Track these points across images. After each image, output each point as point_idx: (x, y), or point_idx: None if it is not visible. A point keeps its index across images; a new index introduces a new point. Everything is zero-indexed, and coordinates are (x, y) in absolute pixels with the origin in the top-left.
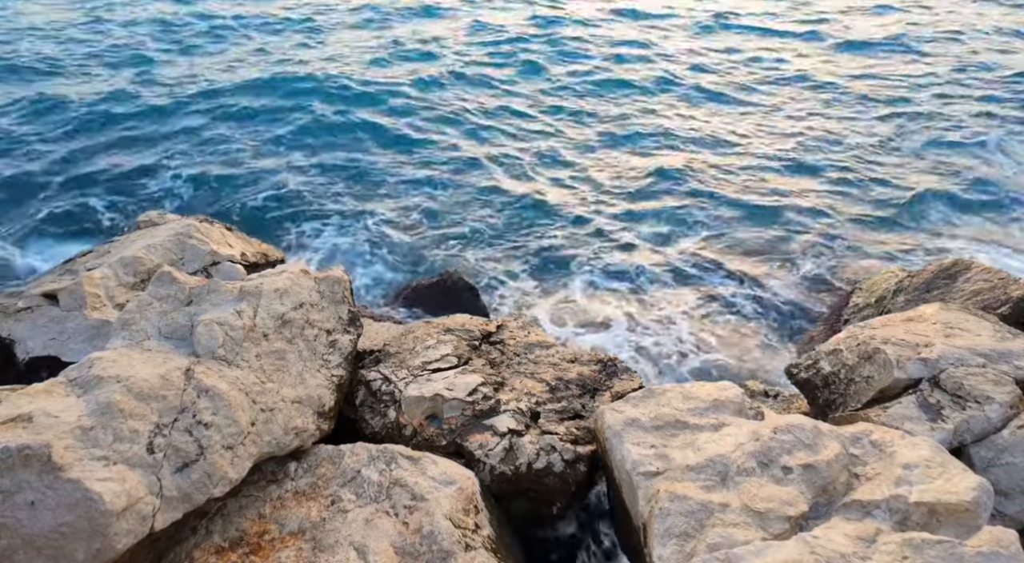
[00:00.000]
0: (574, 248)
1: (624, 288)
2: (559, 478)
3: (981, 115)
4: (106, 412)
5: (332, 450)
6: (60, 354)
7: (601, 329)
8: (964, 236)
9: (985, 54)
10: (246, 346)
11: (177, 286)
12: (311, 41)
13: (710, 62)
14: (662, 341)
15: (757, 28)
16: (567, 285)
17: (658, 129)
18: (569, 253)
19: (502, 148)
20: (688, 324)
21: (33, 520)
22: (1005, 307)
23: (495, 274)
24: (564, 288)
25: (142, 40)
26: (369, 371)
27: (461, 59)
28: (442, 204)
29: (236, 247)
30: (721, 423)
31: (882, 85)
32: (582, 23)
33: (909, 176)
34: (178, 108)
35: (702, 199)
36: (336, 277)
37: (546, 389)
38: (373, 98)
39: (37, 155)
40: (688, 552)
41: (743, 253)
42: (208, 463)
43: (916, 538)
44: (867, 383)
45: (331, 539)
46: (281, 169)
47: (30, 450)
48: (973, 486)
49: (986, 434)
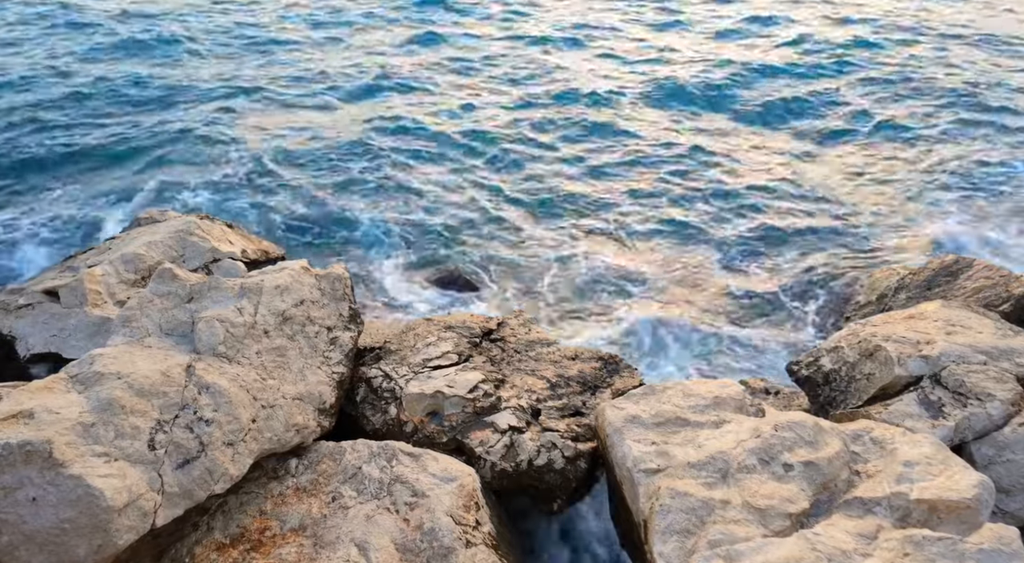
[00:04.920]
0: (574, 247)
1: (624, 285)
2: (560, 475)
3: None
4: (107, 408)
5: (333, 447)
6: (61, 351)
7: (601, 327)
8: (965, 234)
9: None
10: (247, 343)
11: (178, 283)
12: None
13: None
14: (662, 339)
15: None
16: (567, 283)
17: (658, 128)
18: (569, 252)
19: (502, 147)
20: (688, 323)
21: (35, 516)
22: (1006, 304)
23: (496, 272)
24: (564, 286)
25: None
26: (370, 368)
27: (457, 48)
28: (443, 203)
29: (237, 244)
30: (722, 420)
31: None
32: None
33: (913, 172)
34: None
35: (702, 198)
36: (337, 274)
37: (547, 386)
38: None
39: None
40: (689, 549)
41: (743, 251)
42: (209, 459)
43: (917, 535)
44: (868, 380)
45: (332, 535)
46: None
47: (31, 446)
48: (974, 483)
49: (987, 431)
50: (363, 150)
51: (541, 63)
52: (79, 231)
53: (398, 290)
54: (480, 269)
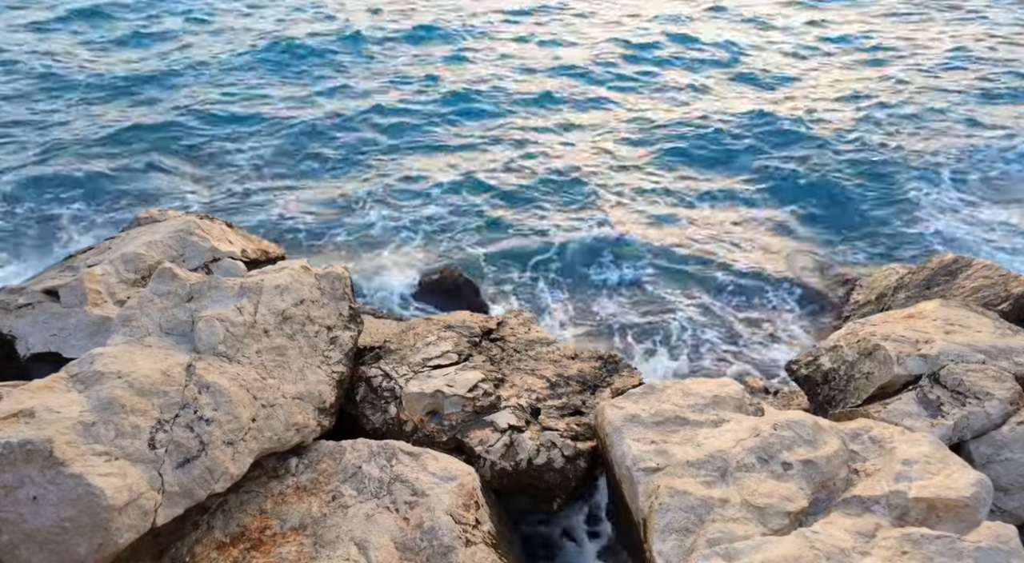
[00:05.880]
0: (575, 246)
1: (624, 284)
2: (559, 474)
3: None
4: (107, 408)
5: (333, 446)
6: (61, 350)
7: (601, 325)
8: (965, 231)
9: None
10: (247, 342)
11: (178, 282)
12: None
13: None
14: (662, 338)
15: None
16: (568, 282)
17: (668, 122)
18: (570, 251)
19: (502, 145)
20: (689, 321)
21: (35, 515)
22: (1005, 304)
23: (496, 271)
24: (565, 285)
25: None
26: (370, 367)
27: (451, 45)
28: (443, 202)
29: (236, 244)
30: (721, 419)
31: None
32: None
33: (913, 170)
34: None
35: (702, 198)
36: (337, 274)
37: (546, 385)
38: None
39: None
40: (688, 547)
41: (743, 250)
42: (209, 458)
43: (915, 533)
44: (867, 379)
45: (332, 534)
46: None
47: (32, 445)
48: (973, 482)
49: (986, 430)
50: (363, 150)
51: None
52: (79, 230)
53: (398, 289)
54: (480, 269)
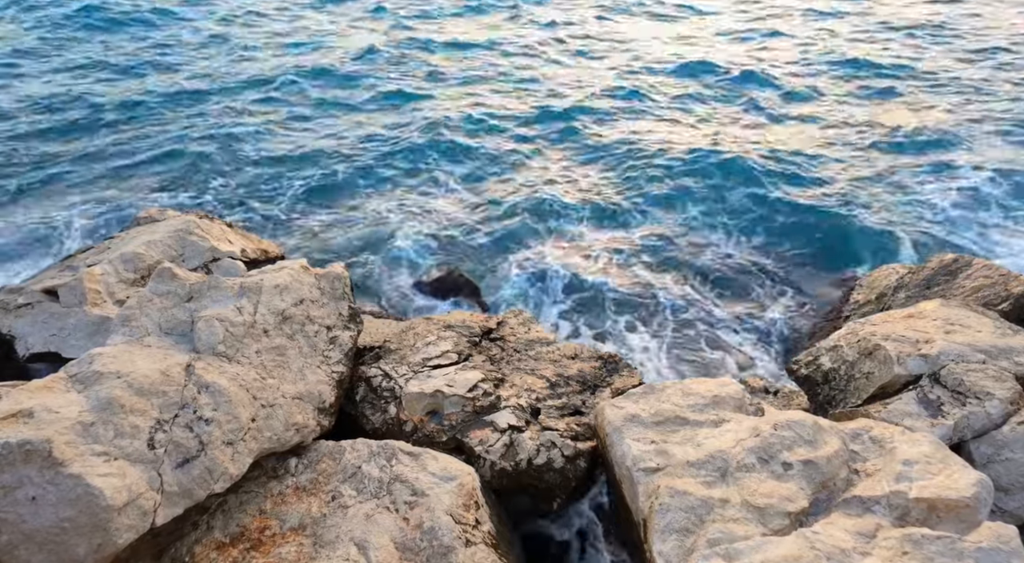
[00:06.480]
0: (575, 245)
1: (624, 284)
2: (559, 474)
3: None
4: (107, 408)
5: (333, 446)
6: (60, 350)
7: (601, 325)
8: (965, 231)
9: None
10: (246, 342)
11: (177, 282)
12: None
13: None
14: (662, 338)
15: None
16: (568, 281)
17: (667, 135)
18: (570, 250)
19: (502, 146)
20: (689, 321)
21: (34, 515)
22: (1005, 303)
23: (496, 271)
24: (565, 284)
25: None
26: (369, 367)
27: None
28: (443, 203)
29: (236, 243)
30: (721, 419)
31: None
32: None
33: (911, 170)
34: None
35: (702, 197)
36: (336, 273)
37: (546, 385)
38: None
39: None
40: (688, 547)
41: (742, 250)
42: (209, 458)
43: (916, 533)
44: (867, 379)
45: (332, 534)
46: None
47: (31, 445)
48: (973, 482)
49: (986, 430)
50: (363, 150)
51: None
52: (79, 230)
53: (398, 289)
54: (480, 269)
